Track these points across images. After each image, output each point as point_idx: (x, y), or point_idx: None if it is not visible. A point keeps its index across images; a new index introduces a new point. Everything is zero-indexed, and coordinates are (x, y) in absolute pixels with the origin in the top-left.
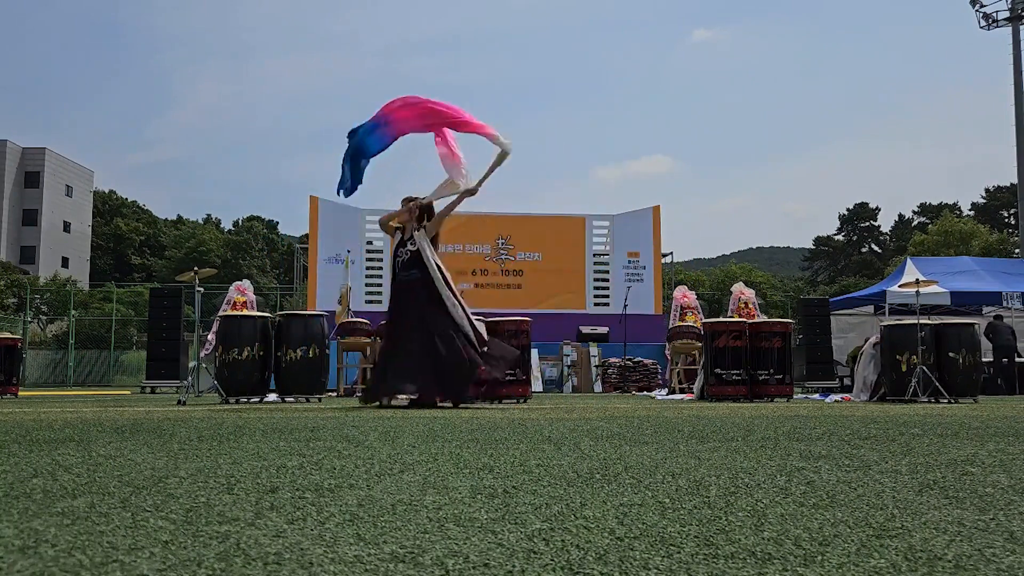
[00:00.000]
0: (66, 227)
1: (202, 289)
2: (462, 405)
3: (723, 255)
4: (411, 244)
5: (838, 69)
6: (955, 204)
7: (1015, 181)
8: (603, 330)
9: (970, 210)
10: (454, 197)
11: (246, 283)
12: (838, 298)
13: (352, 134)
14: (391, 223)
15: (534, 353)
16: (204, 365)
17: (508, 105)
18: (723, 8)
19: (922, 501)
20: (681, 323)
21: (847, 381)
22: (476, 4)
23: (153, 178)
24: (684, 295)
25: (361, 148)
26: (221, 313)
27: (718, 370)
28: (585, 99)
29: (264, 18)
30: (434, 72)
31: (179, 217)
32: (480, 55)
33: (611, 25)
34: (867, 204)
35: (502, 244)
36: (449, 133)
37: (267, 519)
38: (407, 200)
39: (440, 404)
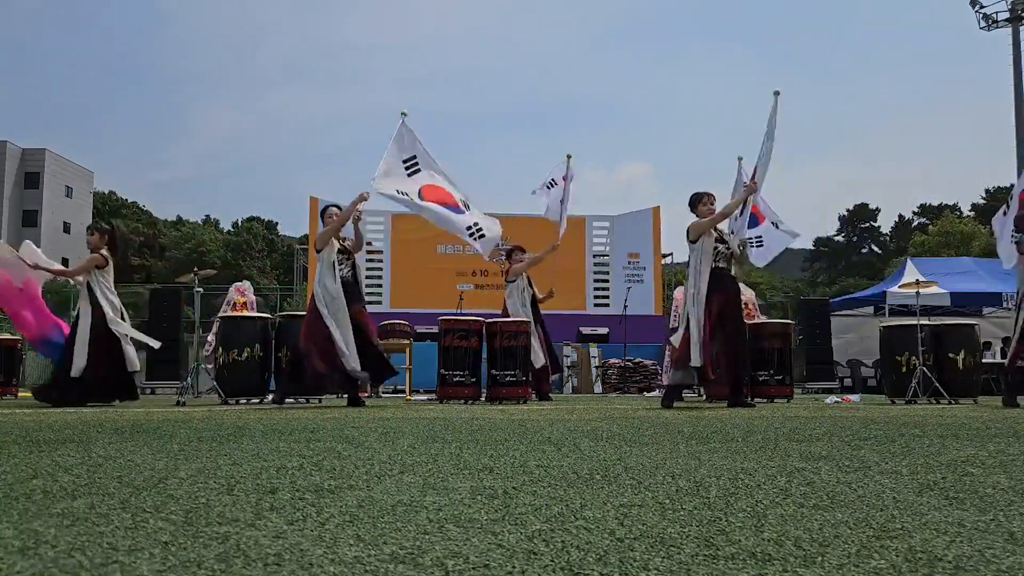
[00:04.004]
0: (66, 228)
1: (202, 290)
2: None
3: None
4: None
5: (836, 71)
6: (955, 205)
7: (1014, 182)
8: (603, 331)
9: (970, 211)
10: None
11: (246, 284)
12: (838, 299)
13: None
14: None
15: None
16: (204, 366)
17: (510, 113)
18: (722, 19)
19: (922, 502)
20: None
21: (847, 382)
22: (480, 41)
23: (167, 195)
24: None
25: None
26: (221, 314)
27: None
28: (593, 106)
29: (274, 53)
30: (440, 102)
31: (179, 218)
32: (483, 86)
33: (607, 44)
34: (867, 205)
35: (501, 245)
36: None
37: (267, 520)
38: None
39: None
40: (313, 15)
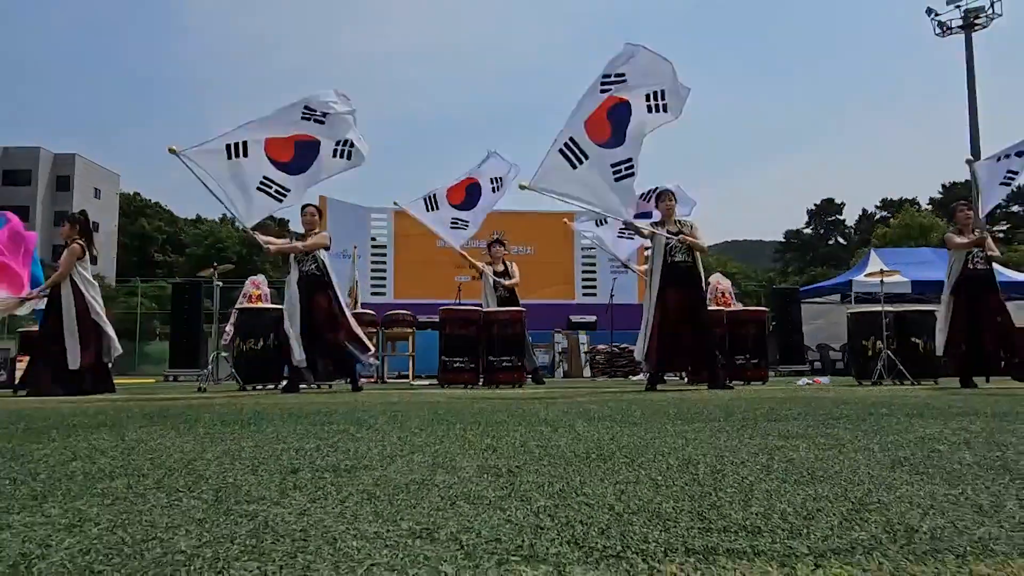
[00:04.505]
0: (95, 227)
1: (220, 284)
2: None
3: None
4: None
5: (805, 75)
6: (914, 199)
7: (968, 177)
8: (591, 319)
9: (928, 204)
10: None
11: (261, 278)
12: (807, 287)
13: None
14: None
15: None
16: (223, 355)
17: (509, 122)
18: (695, 41)
19: (895, 477)
20: None
21: (817, 365)
22: (476, 51)
23: (187, 195)
24: None
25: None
26: (238, 306)
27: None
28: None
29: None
30: (439, 106)
31: (198, 216)
32: (480, 90)
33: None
34: (833, 200)
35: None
36: None
37: (291, 498)
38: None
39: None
40: (318, 28)
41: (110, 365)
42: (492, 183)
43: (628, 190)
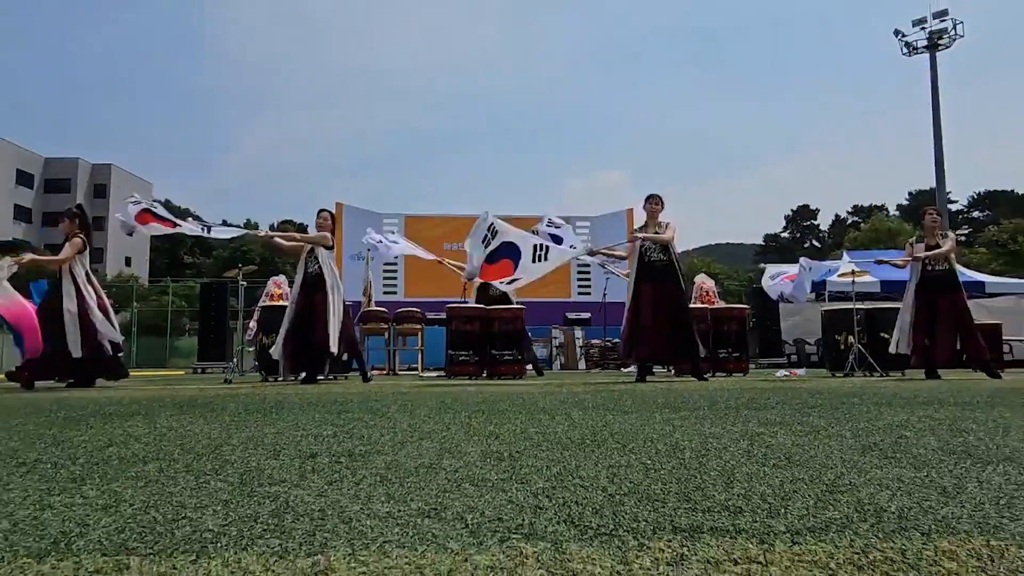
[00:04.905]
0: (129, 231)
1: (245, 283)
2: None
3: (686, 251)
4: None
5: (783, 92)
6: (883, 206)
7: (934, 185)
8: (586, 315)
9: (896, 211)
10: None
11: (282, 278)
12: None
13: None
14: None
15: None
16: (247, 349)
17: (510, 132)
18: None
19: (865, 461)
20: None
21: (794, 358)
22: (478, 67)
23: (214, 201)
24: None
25: None
26: (261, 304)
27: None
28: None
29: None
30: (445, 119)
31: (224, 221)
32: (481, 104)
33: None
34: (808, 206)
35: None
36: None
37: (310, 481)
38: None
39: None
40: (341, 45)
41: (120, 353)
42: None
43: (555, 252)
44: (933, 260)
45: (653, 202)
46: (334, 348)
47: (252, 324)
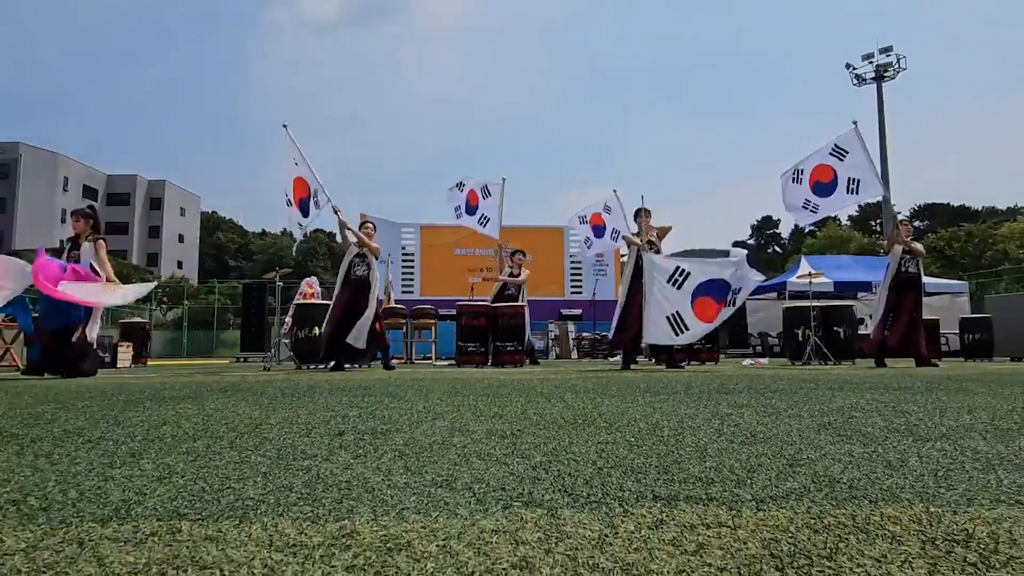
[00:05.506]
0: (180, 239)
1: (281, 284)
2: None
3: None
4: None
5: (745, 116)
6: (836, 217)
7: (880, 199)
8: (578, 312)
9: (847, 221)
10: None
11: (313, 279)
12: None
13: None
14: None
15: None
16: (283, 341)
17: (512, 141)
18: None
19: (821, 439)
20: None
21: (758, 349)
22: (484, 95)
23: (255, 212)
24: None
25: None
26: (295, 302)
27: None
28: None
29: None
30: (452, 137)
31: (263, 231)
32: (485, 128)
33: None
34: (771, 217)
35: (505, 250)
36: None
37: (338, 456)
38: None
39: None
40: (367, 74)
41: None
42: (483, 192)
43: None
44: (908, 261)
45: (644, 215)
46: (362, 345)
47: (288, 319)
